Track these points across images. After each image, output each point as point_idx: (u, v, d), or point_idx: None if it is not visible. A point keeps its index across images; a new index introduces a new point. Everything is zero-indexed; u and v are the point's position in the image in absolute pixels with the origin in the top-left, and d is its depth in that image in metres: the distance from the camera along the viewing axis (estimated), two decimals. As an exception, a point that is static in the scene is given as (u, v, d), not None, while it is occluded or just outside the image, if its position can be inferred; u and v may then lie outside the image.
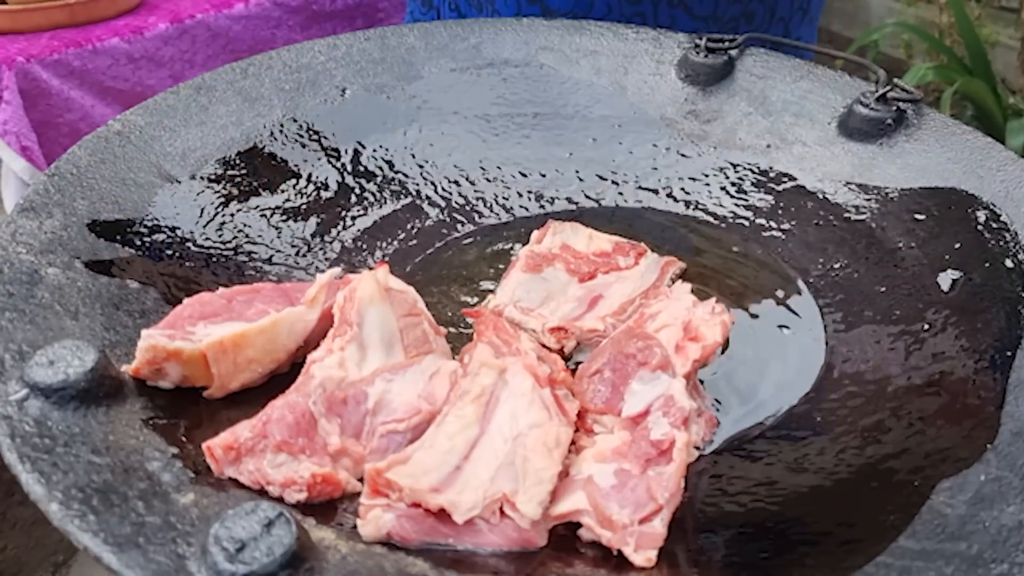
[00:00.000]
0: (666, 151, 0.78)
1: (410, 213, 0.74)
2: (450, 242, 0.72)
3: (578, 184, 0.78)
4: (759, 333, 0.63)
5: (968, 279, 0.61)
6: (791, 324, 0.63)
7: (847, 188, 0.71)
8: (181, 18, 1.76)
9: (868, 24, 3.21)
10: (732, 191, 0.75)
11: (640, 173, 0.78)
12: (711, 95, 0.80)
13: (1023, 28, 2.86)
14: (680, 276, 0.68)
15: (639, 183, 0.77)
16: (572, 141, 0.80)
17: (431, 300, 0.65)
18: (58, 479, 0.40)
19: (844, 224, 0.70)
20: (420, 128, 0.78)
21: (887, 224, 0.68)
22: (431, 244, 0.72)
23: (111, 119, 0.67)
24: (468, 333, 0.62)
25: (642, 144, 0.79)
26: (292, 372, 0.52)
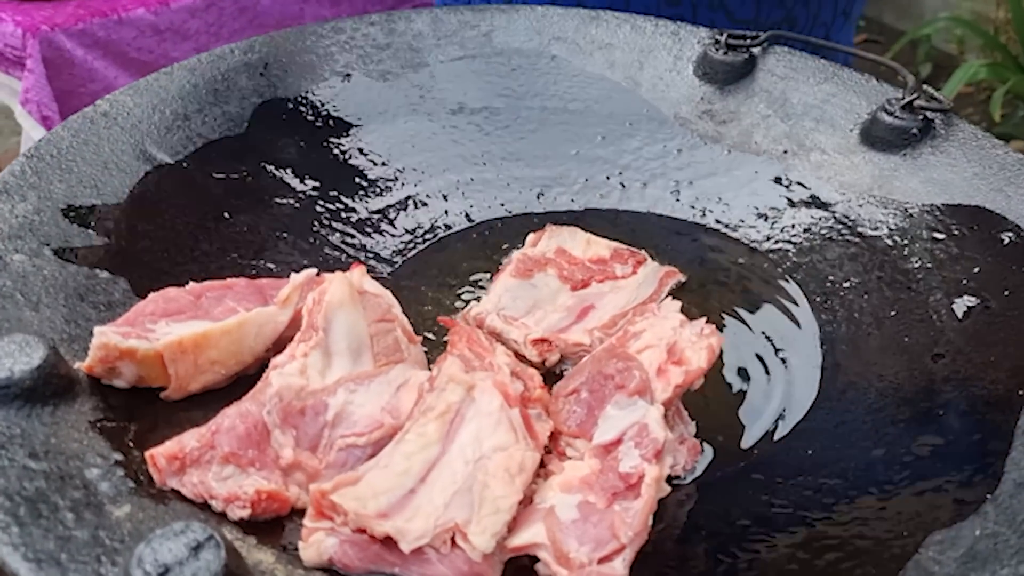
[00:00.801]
0: (677, 152, 0.75)
1: (404, 207, 0.71)
2: (445, 239, 0.70)
3: (583, 183, 0.74)
4: (755, 354, 0.59)
5: (985, 306, 0.57)
6: (790, 347, 0.60)
7: (864, 201, 0.67)
8: (208, -10, 1.74)
9: (921, 17, 3.09)
10: (743, 198, 0.72)
11: (648, 174, 0.74)
12: (729, 95, 0.76)
13: (1084, 27, 2.73)
14: (680, 287, 0.65)
15: (646, 185, 0.74)
16: (579, 138, 0.76)
17: (420, 302, 0.63)
18: (-13, 485, 0.38)
19: (858, 239, 0.66)
20: (421, 118, 0.76)
21: (904, 242, 0.64)
22: (424, 241, 0.69)
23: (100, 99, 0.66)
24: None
25: (652, 144, 0.75)
26: (260, 374, 0.50)
